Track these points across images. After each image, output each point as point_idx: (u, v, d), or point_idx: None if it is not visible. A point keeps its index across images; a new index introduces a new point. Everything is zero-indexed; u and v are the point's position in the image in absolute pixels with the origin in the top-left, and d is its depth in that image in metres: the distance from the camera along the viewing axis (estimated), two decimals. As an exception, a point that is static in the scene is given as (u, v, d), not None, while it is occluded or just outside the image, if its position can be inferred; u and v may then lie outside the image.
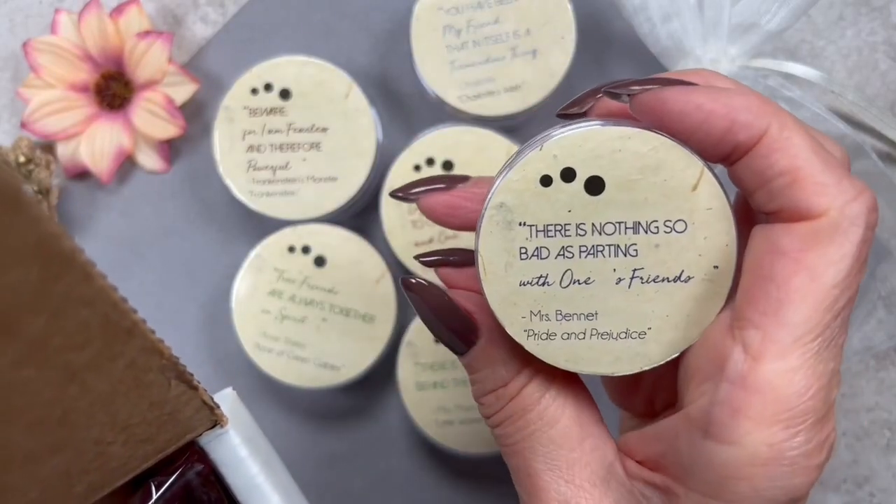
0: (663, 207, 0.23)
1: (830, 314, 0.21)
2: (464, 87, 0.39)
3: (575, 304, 0.24)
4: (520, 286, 0.24)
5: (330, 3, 0.42)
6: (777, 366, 0.21)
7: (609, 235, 0.23)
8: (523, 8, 0.38)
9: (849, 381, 0.42)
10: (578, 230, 0.23)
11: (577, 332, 0.24)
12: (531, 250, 0.24)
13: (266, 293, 0.39)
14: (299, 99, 0.39)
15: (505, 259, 0.24)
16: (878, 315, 0.42)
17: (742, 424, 0.21)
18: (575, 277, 0.24)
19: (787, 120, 0.22)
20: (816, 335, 0.21)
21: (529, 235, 0.24)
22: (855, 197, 0.21)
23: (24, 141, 0.41)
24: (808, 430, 0.21)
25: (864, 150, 0.40)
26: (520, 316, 0.24)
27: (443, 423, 0.38)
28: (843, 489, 0.42)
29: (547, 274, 0.24)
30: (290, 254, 0.39)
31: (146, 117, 0.41)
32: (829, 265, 0.21)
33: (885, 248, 0.41)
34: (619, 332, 0.24)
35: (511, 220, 0.24)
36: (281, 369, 0.39)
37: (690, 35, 0.38)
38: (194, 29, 0.43)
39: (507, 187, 0.23)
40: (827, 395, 0.21)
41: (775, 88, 0.39)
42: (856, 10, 0.43)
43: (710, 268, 0.23)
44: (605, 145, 0.23)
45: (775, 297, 0.21)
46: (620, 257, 0.23)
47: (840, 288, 0.21)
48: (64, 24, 0.41)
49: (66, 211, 0.42)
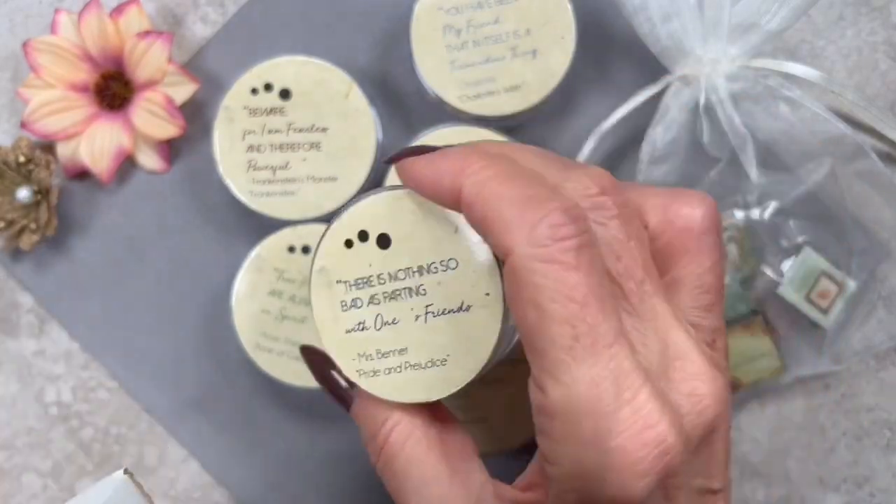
0: (436, 251, 0.27)
1: (561, 334, 0.23)
2: (464, 86, 0.39)
3: (388, 343, 0.28)
4: (346, 334, 0.29)
5: (330, 3, 0.42)
6: (554, 392, 0.23)
7: (402, 280, 0.28)
8: (523, 8, 0.38)
9: (849, 381, 0.42)
10: (379, 280, 0.28)
11: (394, 366, 0.28)
12: (349, 302, 0.29)
13: (266, 293, 0.39)
14: (299, 99, 0.39)
15: (331, 313, 0.29)
16: (878, 315, 0.42)
17: (551, 447, 0.24)
18: (385, 320, 0.28)
19: (482, 172, 0.25)
20: (569, 349, 0.23)
21: (346, 290, 0.29)
22: (535, 224, 0.23)
23: (23, 141, 0.41)
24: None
25: (863, 150, 0.40)
26: (350, 359, 0.29)
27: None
28: (843, 489, 0.42)
29: (364, 320, 0.28)
30: (291, 254, 0.39)
31: (146, 117, 0.41)
32: (529, 301, 0.24)
33: (884, 248, 0.41)
34: (426, 362, 0.28)
35: (330, 280, 0.28)
36: (281, 369, 0.39)
37: (690, 35, 0.38)
38: (194, 29, 0.43)
39: (323, 253, 0.28)
40: (617, 395, 0.23)
41: (775, 88, 0.39)
42: (856, 9, 0.43)
43: (483, 295, 0.27)
44: (385, 207, 0.28)
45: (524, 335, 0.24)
46: (415, 297, 0.28)
47: (566, 315, 0.23)
48: (64, 24, 0.41)
49: (65, 211, 0.42)
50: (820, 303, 0.40)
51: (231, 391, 0.42)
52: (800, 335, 0.41)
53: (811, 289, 0.40)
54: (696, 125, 0.40)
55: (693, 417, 0.25)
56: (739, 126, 0.39)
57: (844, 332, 0.42)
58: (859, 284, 0.41)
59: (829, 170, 0.40)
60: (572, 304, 0.23)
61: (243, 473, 0.42)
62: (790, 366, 0.41)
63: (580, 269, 0.23)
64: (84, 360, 0.42)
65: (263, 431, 0.42)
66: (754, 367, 0.40)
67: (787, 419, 0.42)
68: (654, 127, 0.40)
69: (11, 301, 0.42)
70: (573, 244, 0.23)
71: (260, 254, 0.39)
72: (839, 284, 0.40)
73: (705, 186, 0.41)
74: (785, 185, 0.40)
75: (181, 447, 0.42)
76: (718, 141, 0.40)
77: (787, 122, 0.39)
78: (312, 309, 0.29)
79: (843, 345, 0.42)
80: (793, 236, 0.41)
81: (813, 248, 0.40)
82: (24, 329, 0.42)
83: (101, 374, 0.42)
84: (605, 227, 0.25)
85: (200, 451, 0.42)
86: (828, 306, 0.40)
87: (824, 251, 0.40)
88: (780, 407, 0.42)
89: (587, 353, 0.23)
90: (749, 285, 0.40)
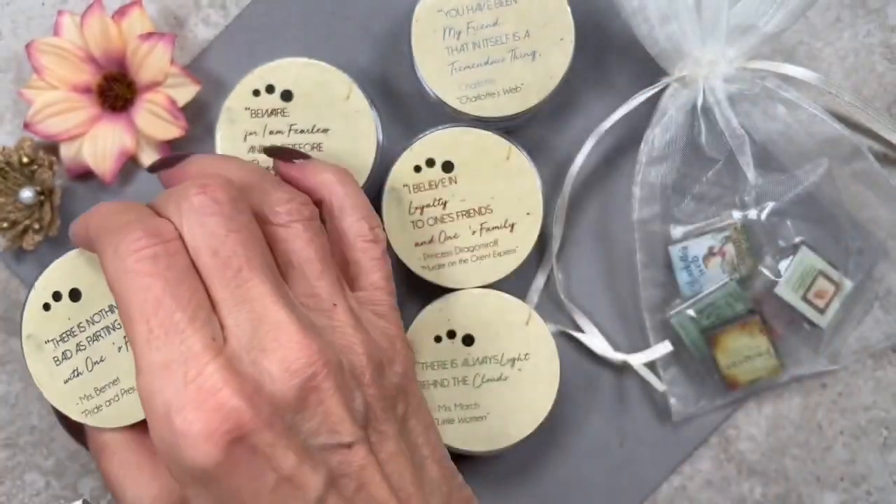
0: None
1: (139, 330, 0.29)
2: (464, 88, 0.39)
3: (102, 379, 0.34)
4: (65, 384, 0.34)
5: (331, 6, 0.43)
6: (138, 380, 0.29)
7: (99, 322, 0.34)
8: (523, 10, 0.39)
9: (846, 380, 0.43)
10: (79, 328, 0.34)
11: (112, 397, 0.34)
12: (60, 357, 0.34)
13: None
14: (300, 100, 0.39)
15: (47, 370, 0.34)
16: (875, 314, 0.42)
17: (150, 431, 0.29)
18: (94, 360, 0.34)
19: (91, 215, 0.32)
20: (146, 342, 0.29)
21: (54, 347, 0.34)
22: (118, 244, 0.29)
23: (27, 142, 0.41)
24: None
25: (860, 151, 0.40)
26: (74, 404, 0.34)
27: (443, 421, 0.39)
28: (840, 487, 0.43)
29: (76, 367, 0.34)
30: (292, 254, 0.40)
31: (149, 118, 0.41)
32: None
33: (881, 248, 0.42)
34: (131, 388, 0.34)
35: (39, 343, 0.34)
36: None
37: (688, 37, 0.39)
38: (196, 31, 0.43)
39: (27, 321, 0.34)
40: (185, 373, 0.27)
41: (772, 90, 0.40)
42: (853, 11, 0.43)
43: None
44: (68, 266, 0.35)
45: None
46: (113, 332, 0.34)
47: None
48: (67, 25, 0.41)
49: (68, 211, 0.42)
50: (817, 302, 0.41)
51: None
52: (797, 335, 0.41)
53: (808, 288, 0.40)
54: (693, 126, 0.40)
55: (284, 380, 0.28)
56: (737, 127, 0.39)
57: (841, 331, 0.42)
58: (856, 284, 0.41)
59: (826, 170, 0.40)
60: (147, 304, 0.28)
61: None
62: (787, 365, 0.41)
63: (155, 274, 0.28)
64: (87, 360, 0.43)
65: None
66: (752, 367, 0.41)
67: (785, 418, 0.43)
68: (653, 128, 0.40)
69: (14, 300, 0.43)
70: (147, 254, 0.28)
71: (261, 254, 0.40)
72: (836, 284, 0.41)
73: (703, 187, 0.41)
74: (782, 185, 0.41)
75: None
76: (716, 142, 0.40)
77: (784, 123, 0.40)
78: (31, 375, 0.34)
79: (839, 344, 0.42)
80: (790, 236, 0.41)
81: (810, 249, 0.40)
82: (27, 328, 0.43)
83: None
84: (202, 227, 0.29)
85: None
86: (825, 306, 0.41)
87: (821, 251, 0.40)
88: (778, 406, 0.43)
89: (160, 342, 0.27)
90: (747, 285, 0.41)
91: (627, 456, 0.42)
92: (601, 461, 0.42)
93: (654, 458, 0.42)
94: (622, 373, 0.42)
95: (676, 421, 0.42)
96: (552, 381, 0.39)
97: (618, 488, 0.42)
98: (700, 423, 0.42)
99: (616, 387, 0.42)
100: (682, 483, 0.43)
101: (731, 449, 0.43)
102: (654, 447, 0.42)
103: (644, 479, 0.42)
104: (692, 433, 0.42)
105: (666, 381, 0.41)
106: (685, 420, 0.42)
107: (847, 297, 0.41)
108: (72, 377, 0.34)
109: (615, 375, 0.42)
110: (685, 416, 0.42)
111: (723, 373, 0.41)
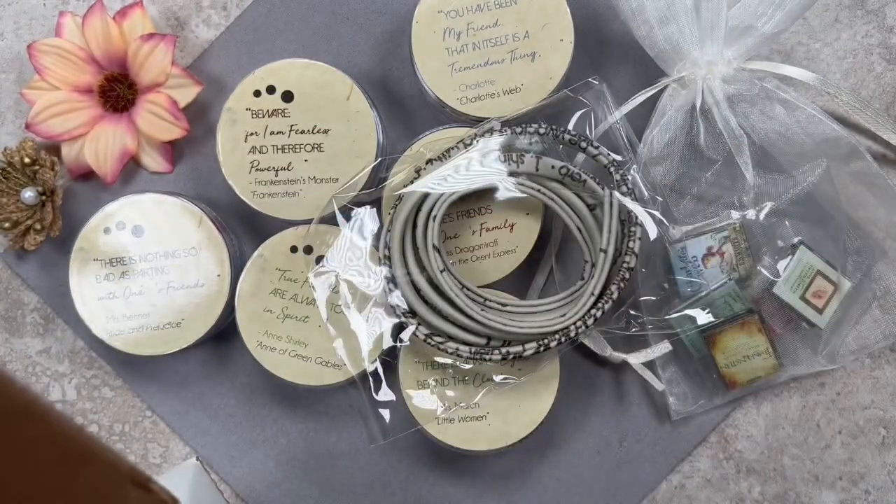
0: (178, 238, 0.40)
1: None
2: (464, 89, 0.39)
3: (135, 310, 0.40)
4: (99, 301, 0.40)
5: (331, 7, 0.43)
6: None
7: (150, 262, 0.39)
8: (522, 11, 0.39)
9: (844, 380, 0.43)
10: (131, 259, 0.39)
11: (137, 326, 0.40)
12: (102, 277, 0.40)
13: (269, 293, 0.40)
14: (301, 101, 0.39)
15: (88, 285, 0.40)
16: (873, 314, 0.43)
17: None
18: (133, 291, 0.40)
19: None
20: None
21: (101, 267, 0.39)
22: None
23: (28, 142, 0.41)
24: None
25: (858, 152, 0.40)
26: (102, 322, 0.40)
27: (443, 420, 0.39)
28: (839, 486, 0.43)
29: (113, 291, 0.40)
30: (293, 254, 0.40)
31: (150, 119, 0.41)
32: None
33: (879, 248, 0.42)
34: (157, 325, 0.39)
35: (86, 259, 0.39)
36: (283, 368, 0.40)
37: (687, 38, 0.39)
38: (197, 32, 0.43)
39: (82, 236, 0.40)
40: None
41: (771, 90, 0.40)
42: (851, 13, 0.43)
43: (215, 276, 0.39)
44: (141, 206, 0.40)
45: None
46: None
47: None
48: (68, 26, 0.41)
49: (70, 211, 0.42)
50: (815, 302, 0.41)
51: (234, 389, 0.43)
52: (795, 334, 0.41)
53: (807, 288, 0.41)
54: (692, 127, 0.40)
55: None
56: (735, 127, 0.39)
57: (839, 330, 0.42)
58: (854, 284, 0.41)
59: (825, 171, 0.40)
60: None
61: (245, 470, 0.43)
62: (786, 364, 0.41)
63: None
64: (88, 359, 0.43)
65: (265, 429, 0.43)
66: (750, 366, 0.41)
67: (783, 417, 0.43)
68: (652, 129, 0.40)
69: (16, 300, 0.43)
70: None
71: (262, 254, 0.40)
72: (834, 284, 0.41)
73: (702, 187, 0.41)
74: (780, 185, 0.41)
75: (184, 444, 0.43)
76: (714, 142, 0.40)
77: (782, 123, 0.40)
78: (69, 286, 0.39)
79: (838, 343, 0.42)
80: (788, 236, 0.41)
81: (808, 248, 0.40)
82: (28, 328, 0.43)
83: (105, 373, 0.43)
84: None
85: (203, 448, 0.43)
86: (823, 306, 0.41)
87: (820, 251, 0.41)
88: (776, 405, 0.43)
89: None
90: (745, 285, 0.41)
91: (627, 455, 0.42)
92: (601, 460, 0.42)
93: (654, 456, 0.42)
94: (622, 372, 0.42)
95: (675, 420, 0.42)
96: (552, 381, 0.39)
97: (617, 487, 0.42)
98: (699, 422, 0.42)
99: (615, 386, 0.43)
100: (681, 482, 0.43)
101: (729, 448, 0.43)
102: (654, 446, 0.42)
103: (643, 478, 0.42)
104: (691, 432, 0.42)
105: (665, 380, 0.42)
106: (684, 419, 0.42)
107: (845, 296, 0.41)
108: (106, 297, 0.39)
109: (615, 375, 0.43)
110: (684, 416, 0.42)
111: (721, 372, 0.41)
